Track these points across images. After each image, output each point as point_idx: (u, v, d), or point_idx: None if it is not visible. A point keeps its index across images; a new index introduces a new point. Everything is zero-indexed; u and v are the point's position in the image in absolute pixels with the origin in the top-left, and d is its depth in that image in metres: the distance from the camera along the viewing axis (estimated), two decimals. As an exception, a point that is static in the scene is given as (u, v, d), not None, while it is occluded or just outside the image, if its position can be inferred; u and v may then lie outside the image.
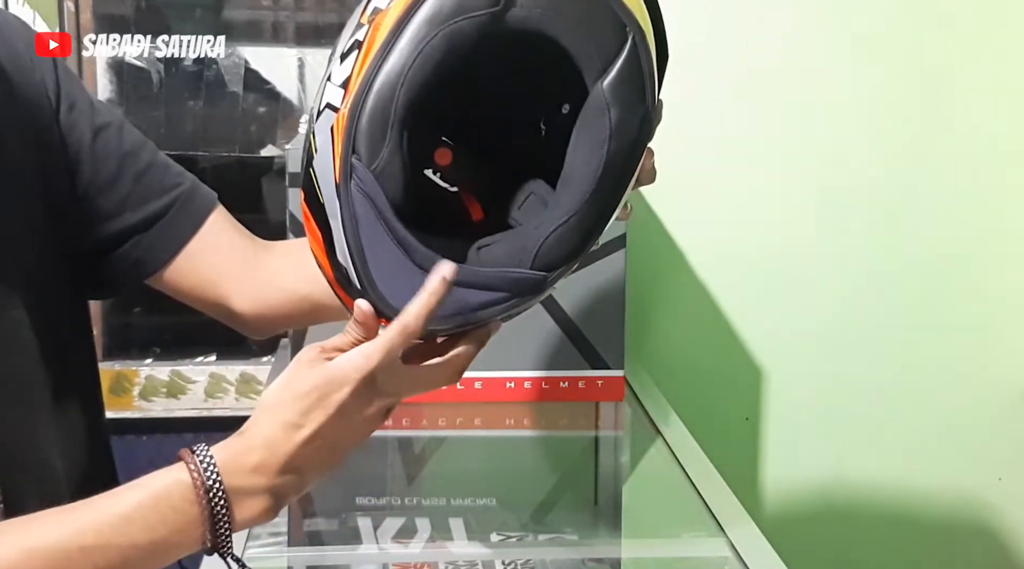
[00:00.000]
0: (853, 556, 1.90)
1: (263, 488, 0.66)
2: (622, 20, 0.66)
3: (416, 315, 0.65)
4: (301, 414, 0.65)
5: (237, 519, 0.65)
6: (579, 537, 1.20)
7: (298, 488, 0.67)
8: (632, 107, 0.67)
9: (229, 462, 0.66)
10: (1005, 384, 1.88)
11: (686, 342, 1.77)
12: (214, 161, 1.77)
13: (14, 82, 0.78)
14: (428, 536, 1.14)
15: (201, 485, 0.64)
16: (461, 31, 0.65)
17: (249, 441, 0.66)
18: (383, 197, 0.66)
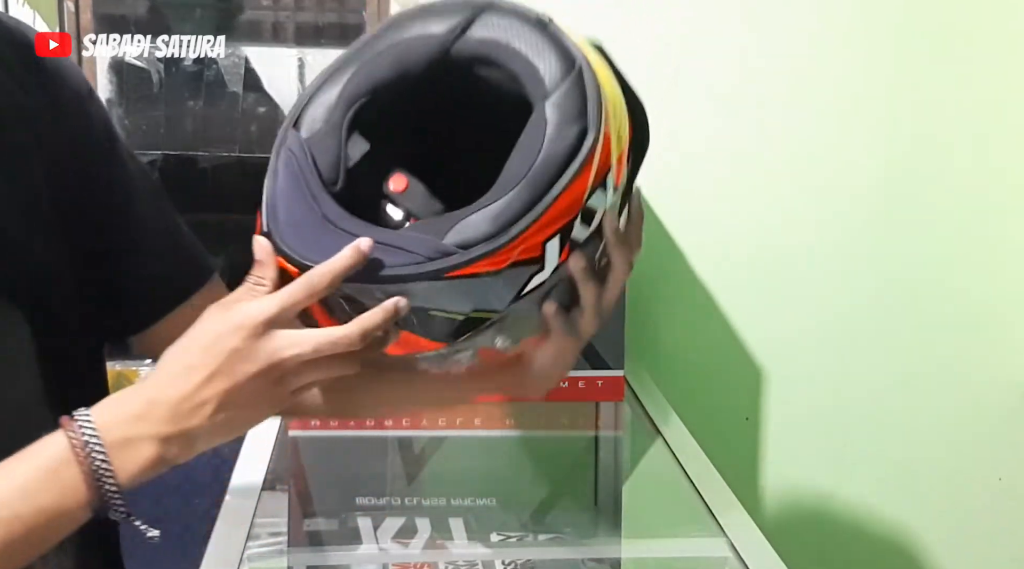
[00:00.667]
0: (853, 556, 1.90)
1: (147, 435, 0.63)
2: (571, 54, 0.71)
3: (322, 273, 0.65)
4: (192, 359, 0.64)
5: (121, 472, 0.63)
6: (579, 537, 1.20)
7: (187, 440, 0.64)
8: (570, 121, 0.69)
9: (106, 414, 0.64)
10: (1005, 384, 1.88)
11: (686, 342, 1.77)
12: (214, 161, 1.77)
13: (70, 124, 0.78)
14: (428, 536, 1.14)
15: (77, 442, 0.62)
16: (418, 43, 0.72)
17: (133, 390, 0.65)
18: (307, 159, 0.71)
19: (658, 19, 1.69)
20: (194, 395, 0.64)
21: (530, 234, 0.68)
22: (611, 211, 0.74)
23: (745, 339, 1.81)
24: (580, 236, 0.72)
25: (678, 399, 1.52)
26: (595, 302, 0.77)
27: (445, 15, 0.73)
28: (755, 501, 1.84)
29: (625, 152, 0.75)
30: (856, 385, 1.84)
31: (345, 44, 2.08)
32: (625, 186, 0.76)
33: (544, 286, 0.73)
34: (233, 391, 0.64)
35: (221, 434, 0.66)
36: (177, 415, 0.64)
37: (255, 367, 0.64)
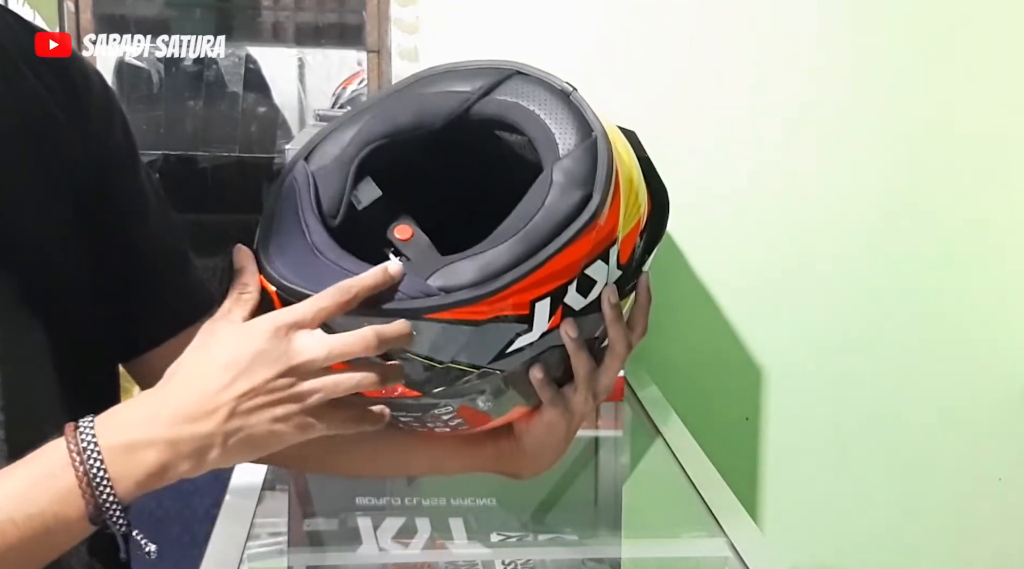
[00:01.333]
0: (853, 556, 1.90)
1: (152, 440, 0.60)
2: (589, 124, 0.70)
3: (350, 284, 0.64)
4: (212, 361, 0.62)
5: (121, 481, 0.59)
6: (579, 537, 1.21)
7: (196, 448, 0.60)
8: (575, 184, 0.68)
9: (110, 419, 0.61)
10: (1005, 384, 1.88)
11: (686, 342, 1.77)
12: (214, 161, 1.77)
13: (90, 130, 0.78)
14: (428, 536, 1.14)
15: (75, 447, 0.59)
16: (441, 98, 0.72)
17: (142, 395, 0.63)
18: (309, 188, 0.71)
19: (667, 32, 1.69)
20: (209, 398, 0.61)
21: (517, 289, 0.66)
22: (612, 286, 0.72)
23: (745, 339, 1.81)
24: (575, 304, 0.70)
25: (678, 399, 1.52)
26: (588, 377, 0.75)
27: (473, 76, 0.73)
28: (755, 501, 1.85)
29: (636, 230, 0.74)
30: (856, 385, 1.84)
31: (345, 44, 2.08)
32: (633, 265, 0.75)
33: (532, 348, 0.71)
34: (250, 395, 0.61)
35: (232, 449, 0.62)
36: (188, 418, 0.61)
37: (275, 368, 0.62)
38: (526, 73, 0.73)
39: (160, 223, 0.84)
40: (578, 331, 0.72)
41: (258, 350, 0.62)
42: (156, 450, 0.60)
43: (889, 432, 1.87)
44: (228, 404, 0.61)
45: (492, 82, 0.72)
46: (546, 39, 1.67)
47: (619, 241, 0.71)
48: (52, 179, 0.75)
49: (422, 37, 1.65)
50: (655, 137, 0.79)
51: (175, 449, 0.60)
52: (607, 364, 0.76)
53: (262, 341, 0.62)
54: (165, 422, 0.60)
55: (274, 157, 1.77)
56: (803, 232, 1.79)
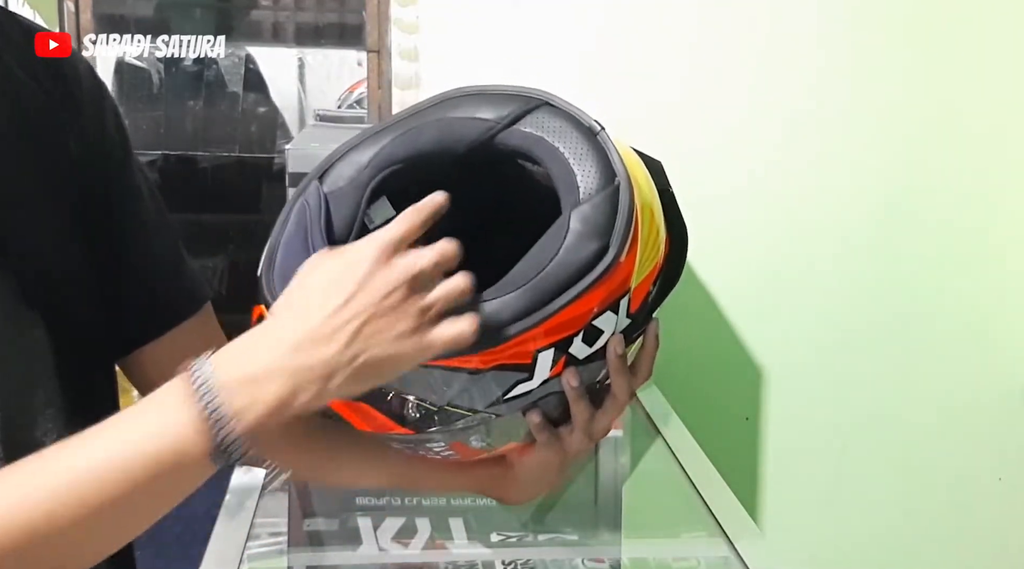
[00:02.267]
0: (853, 556, 1.89)
1: (273, 369, 0.57)
2: (613, 168, 0.67)
3: (424, 204, 0.63)
4: (317, 294, 0.59)
5: (243, 414, 0.56)
6: (579, 537, 1.20)
7: (320, 375, 0.58)
8: (592, 235, 0.66)
9: (226, 353, 0.58)
10: (1005, 384, 1.88)
11: (686, 342, 1.77)
12: (214, 161, 1.77)
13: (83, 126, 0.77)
14: (428, 536, 1.14)
15: (194, 380, 0.57)
16: (464, 124, 0.70)
17: (254, 330, 0.60)
18: (320, 213, 0.69)
19: (667, 31, 1.69)
20: (327, 323, 0.58)
21: (521, 341, 0.65)
22: (619, 335, 0.71)
23: (745, 339, 1.81)
24: (580, 353, 0.69)
25: (678, 399, 1.52)
26: (586, 422, 0.74)
27: (499, 103, 0.71)
28: (755, 501, 1.85)
29: (651, 278, 0.73)
30: (856, 385, 1.84)
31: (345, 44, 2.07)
32: (644, 313, 0.74)
33: (531, 395, 0.70)
34: (368, 316, 0.59)
35: (355, 374, 0.59)
36: (308, 345, 0.57)
37: (388, 286, 0.59)
38: (555, 105, 0.70)
39: (154, 217, 0.84)
40: (580, 380, 0.70)
41: (367, 271, 0.59)
42: (277, 381, 0.57)
43: (889, 432, 1.87)
44: (348, 326, 0.58)
45: (519, 112, 0.70)
46: (546, 39, 1.67)
47: (631, 290, 0.70)
48: (46, 175, 0.75)
49: (422, 37, 1.65)
50: (655, 137, 0.79)
51: (297, 378, 0.57)
52: (607, 408, 0.75)
53: (369, 262, 0.60)
54: (284, 351, 0.58)
55: (274, 157, 1.77)
56: (803, 232, 1.78)
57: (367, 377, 0.60)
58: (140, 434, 0.57)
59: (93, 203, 0.78)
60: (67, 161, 0.76)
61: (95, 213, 0.78)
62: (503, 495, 0.85)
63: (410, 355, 0.61)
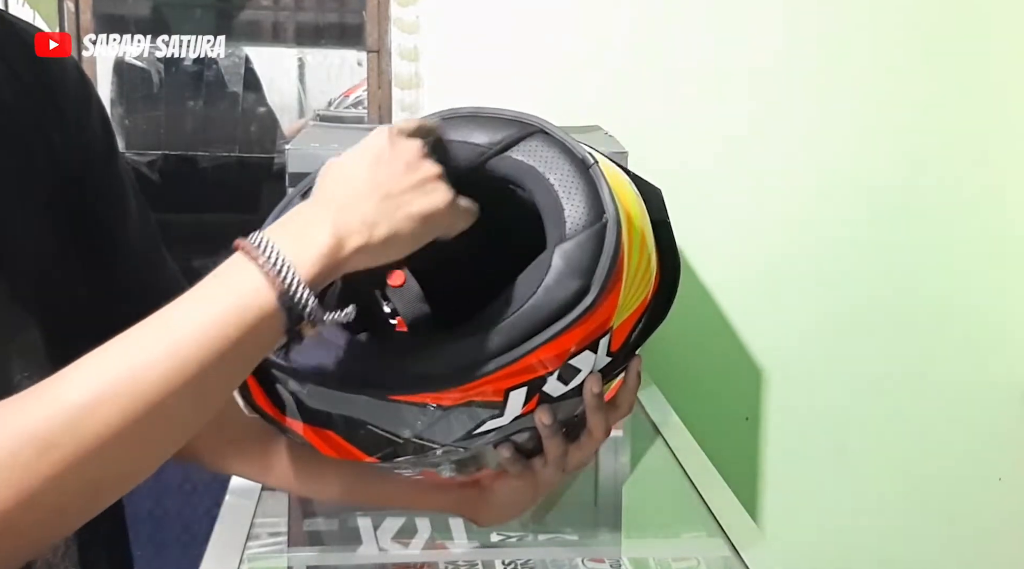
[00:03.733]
0: (853, 556, 1.90)
1: (316, 220, 0.60)
2: (602, 205, 0.65)
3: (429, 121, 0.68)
4: (336, 172, 0.63)
5: (300, 263, 0.58)
6: (579, 537, 1.20)
7: (365, 220, 0.60)
8: (573, 274, 0.63)
9: (278, 221, 0.62)
10: (1005, 384, 1.88)
11: (686, 342, 1.77)
12: (214, 161, 1.77)
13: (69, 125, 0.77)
14: (428, 536, 1.14)
15: (250, 241, 0.59)
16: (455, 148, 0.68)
17: (299, 205, 0.64)
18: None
19: (668, 31, 1.70)
20: (363, 185, 0.61)
21: (492, 379, 0.63)
22: (597, 374, 0.69)
23: (745, 339, 1.81)
24: (554, 391, 0.67)
25: (678, 399, 1.52)
26: (559, 458, 0.73)
27: (492, 128, 0.69)
28: (755, 501, 1.85)
29: (636, 315, 0.71)
30: (856, 385, 1.84)
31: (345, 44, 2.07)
32: (625, 351, 0.71)
33: (501, 430, 0.69)
34: (398, 175, 0.62)
35: (399, 226, 0.61)
36: (349, 201, 0.61)
37: (409, 150, 0.63)
38: (549, 133, 0.69)
39: (140, 218, 0.83)
40: (553, 418, 0.69)
41: (385, 145, 0.63)
42: (324, 229, 0.59)
43: (889, 432, 1.87)
44: (381, 187, 0.61)
45: (511, 139, 0.68)
46: (546, 39, 1.67)
47: (613, 329, 0.68)
48: (32, 175, 0.74)
49: (422, 37, 1.65)
50: (655, 138, 0.78)
51: (341, 227, 0.59)
52: (582, 444, 0.74)
53: (385, 139, 0.63)
54: (327, 207, 0.61)
55: (274, 157, 1.77)
56: (803, 233, 1.79)
57: (410, 229, 0.61)
58: (218, 298, 0.58)
59: (81, 203, 0.78)
60: (51, 161, 0.76)
61: (83, 213, 0.78)
62: (475, 517, 0.85)
63: (441, 205, 0.63)
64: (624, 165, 0.77)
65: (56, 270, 0.75)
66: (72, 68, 0.79)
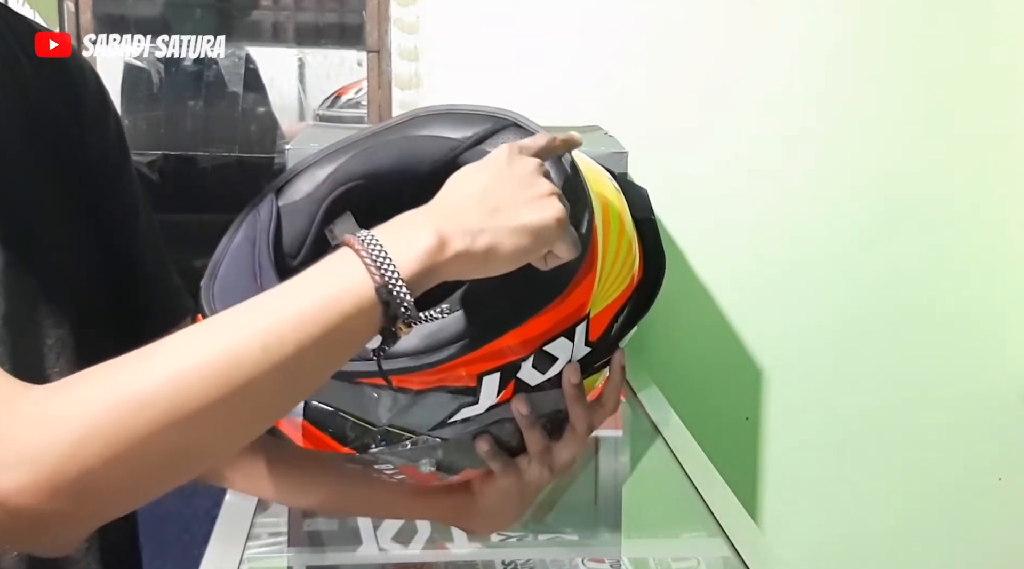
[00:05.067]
0: (853, 556, 1.90)
1: (422, 222, 0.60)
2: (574, 193, 0.65)
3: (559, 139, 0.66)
4: (453, 184, 0.63)
5: (400, 257, 0.58)
6: (579, 537, 1.21)
7: (470, 228, 0.60)
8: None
9: (391, 221, 0.61)
10: (1005, 384, 1.88)
11: (686, 342, 1.77)
12: (214, 161, 1.77)
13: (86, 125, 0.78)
14: (428, 536, 1.14)
15: (355, 237, 0.59)
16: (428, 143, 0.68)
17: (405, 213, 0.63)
18: (269, 225, 0.68)
19: (667, 31, 1.70)
20: (475, 197, 0.61)
21: (462, 363, 0.63)
22: (575, 364, 0.69)
23: (745, 339, 1.81)
24: (531, 379, 0.67)
25: (678, 399, 1.52)
26: (541, 452, 0.73)
27: (464, 123, 0.70)
28: (755, 501, 1.85)
29: (616, 306, 0.71)
30: (856, 385, 1.84)
31: (345, 44, 2.07)
32: (606, 342, 0.71)
33: (478, 419, 0.68)
34: (513, 189, 0.61)
35: (504, 237, 0.60)
36: (458, 209, 0.60)
37: (527, 168, 0.62)
38: (522, 126, 0.69)
39: (148, 223, 0.85)
40: (530, 408, 0.69)
41: (504, 163, 0.63)
42: (428, 229, 0.59)
43: (889, 432, 1.87)
44: (493, 199, 0.61)
45: (484, 132, 0.69)
46: (546, 39, 1.67)
47: (590, 317, 0.68)
48: (59, 173, 0.76)
49: (422, 37, 1.65)
50: (655, 138, 0.79)
51: (445, 229, 0.59)
52: (566, 441, 0.73)
53: (505, 157, 0.63)
54: (434, 212, 0.61)
55: (274, 157, 1.77)
56: (803, 232, 1.79)
57: (514, 242, 0.60)
58: (318, 287, 0.58)
59: (98, 205, 0.79)
60: (74, 161, 0.77)
61: (100, 215, 0.79)
62: (467, 525, 0.85)
63: (551, 221, 0.61)
64: (624, 165, 0.77)
65: (85, 271, 0.76)
66: (91, 74, 0.80)
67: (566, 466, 0.75)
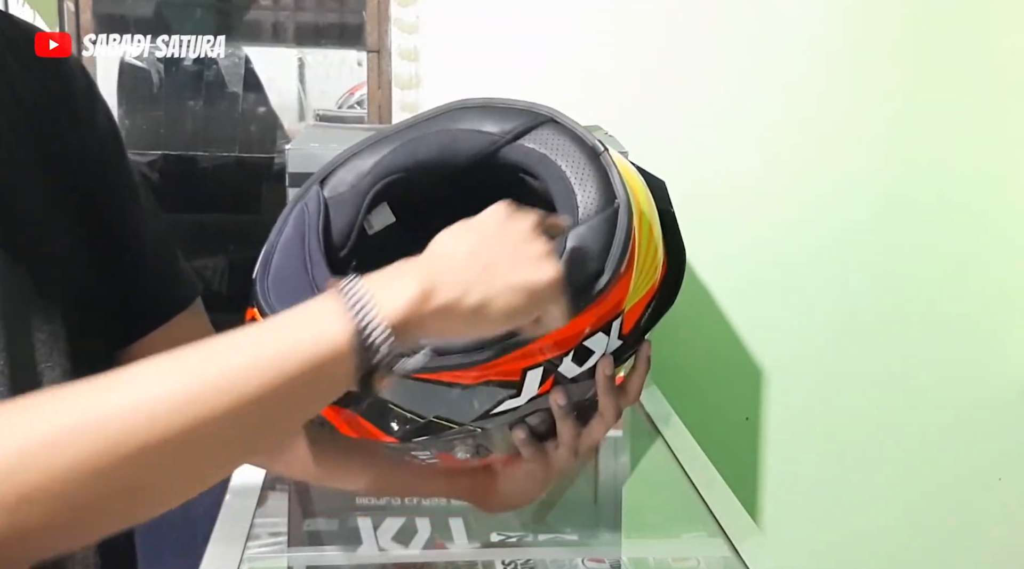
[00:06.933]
0: (853, 556, 1.90)
1: (409, 272, 0.58)
2: (614, 191, 0.67)
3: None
4: (446, 238, 0.62)
5: (382, 304, 0.56)
6: (579, 537, 1.20)
7: (458, 281, 0.58)
8: (588, 257, 0.66)
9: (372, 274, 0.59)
10: (1005, 384, 1.88)
11: (686, 342, 1.77)
12: (214, 161, 1.77)
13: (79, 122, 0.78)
14: (428, 536, 1.14)
15: (341, 284, 0.57)
16: (468, 137, 0.69)
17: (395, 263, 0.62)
18: (319, 218, 0.69)
19: (669, 31, 1.70)
20: (467, 254, 0.60)
21: (511, 359, 0.65)
22: (609, 356, 0.71)
23: (745, 339, 1.81)
24: (568, 372, 0.69)
25: (678, 399, 1.52)
26: (572, 440, 0.74)
27: (504, 117, 0.70)
28: (755, 501, 1.85)
29: (645, 300, 0.73)
30: (856, 385, 1.84)
31: (345, 44, 2.07)
32: (636, 334, 0.74)
33: (517, 411, 0.70)
34: (506, 249, 0.60)
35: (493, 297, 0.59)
36: (449, 264, 0.59)
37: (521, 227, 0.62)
38: (560, 122, 0.70)
39: (148, 214, 0.85)
40: (567, 399, 0.70)
41: (499, 221, 0.62)
42: (415, 278, 0.58)
43: (889, 432, 1.87)
44: (485, 257, 0.60)
45: (523, 127, 0.70)
46: (547, 39, 1.67)
47: (624, 312, 0.70)
48: (52, 173, 0.76)
49: (422, 37, 1.65)
50: (655, 138, 0.79)
51: (433, 281, 0.58)
52: (593, 427, 0.75)
53: (499, 215, 0.62)
54: (425, 263, 0.60)
55: (274, 157, 1.77)
56: (803, 232, 1.79)
57: (505, 301, 0.59)
58: (288, 329, 0.56)
59: (93, 197, 0.79)
60: (67, 159, 0.77)
61: (96, 207, 0.79)
62: (486, 503, 0.85)
63: (545, 282, 0.61)
64: (624, 165, 0.77)
65: (77, 266, 0.77)
66: (78, 69, 0.81)
67: (590, 450, 0.76)
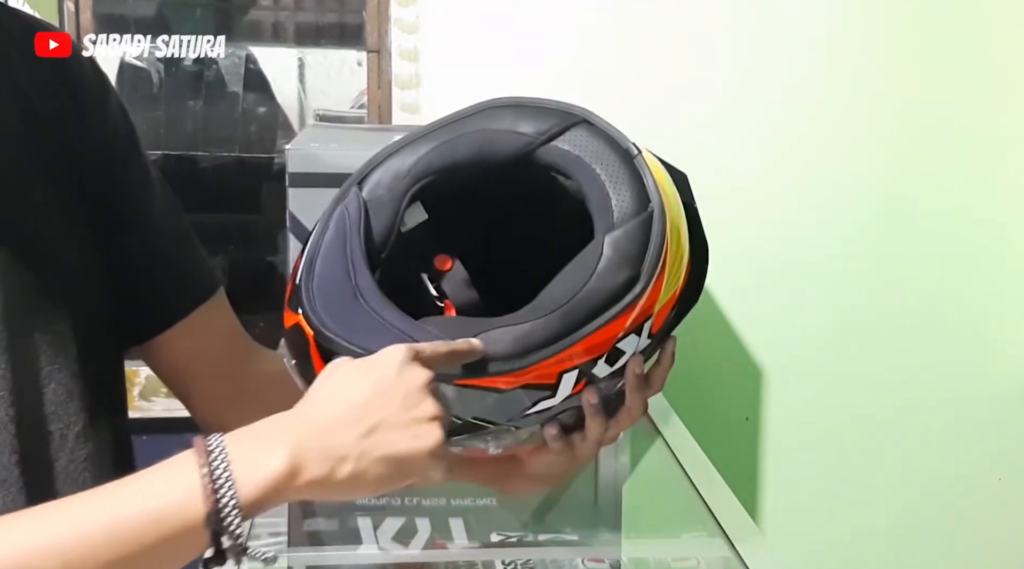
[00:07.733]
0: (853, 556, 1.89)
1: (282, 441, 0.57)
2: (648, 194, 0.68)
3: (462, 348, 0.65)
4: (333, 384, 0.61)
5: (246, 481, 0.55)
6: (579, 537, 1.20)
7: (333, 454, 0.57)
8: (624, 263, 0.67)
9: (250, 427, 0.59)
10: (1005, 384, 1.88)
11: (686, 342, 1.77)
12: (214, 161, 1.77)
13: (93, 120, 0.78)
14: (428, 536, 1.14)
15: (207, 444, 0.57)
16: (503, 138, 0.70)
17: (274, 415, 0.61)
18: (360, 223, 0.69)
19: (670, 31, 1.69)
20: (349, 413, 0.59)
21: (549, 364, 0.67)
22: (639, 355, 0.72)
23: (745, 339, 1.81)
24: (601, 373, 0.70)
25: (678, 399, 1.52)
26: (600, 435, 0.76)
27: (538, 117, 0.71)
28: (755, 501, 1.84)
29: (673, 299, 0.74)
30: (856, 385, 1.84)
31: (345, 44, 2.07)
32: (663, 333, 0.75)
33: (551, 410, 0.72)
34: (390, 411, 0.60)
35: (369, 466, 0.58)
36: (327, 428, 0.58)
37: (405, 393, 0.60)
38: (594, 123, 0.71)
39: (165, 207, 0.85)
40: (599, 397, 0.72)
41: (390, 374, 0.61)
42: (284, 448, 0.57)
43: (889, 432, 1.87)
44: (368, 419, 0.59)
45: (558, 129, 0.71)
46: (547, 39, 1.67)
47: (654, 315, 0.71)
48: (57, 172, 0.76)
49: (422, 37, 1.65)
50: (655, 138, 0.79)
51: (306, 454, 0.57)
52: (619, 420, 0.76)
53: (393, 366, 0.61)
54: (300, 430, 0.58)
55: (274, 157, 1.77)
56: (804, 232, 1.79)
57: (379, 472, 0.59)
58: (149, 491, 0.56)
59: (106, 192, 0.79)
60: (74, 155, 0.77)
61: (109, 201, 0.79)
62: (508, 488, 0.87)
63: (424, 451, 0.61)
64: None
65: (83, 265, 0.77)
66: (88, 65, 0.81)
67: (613, 440, 0.78)
